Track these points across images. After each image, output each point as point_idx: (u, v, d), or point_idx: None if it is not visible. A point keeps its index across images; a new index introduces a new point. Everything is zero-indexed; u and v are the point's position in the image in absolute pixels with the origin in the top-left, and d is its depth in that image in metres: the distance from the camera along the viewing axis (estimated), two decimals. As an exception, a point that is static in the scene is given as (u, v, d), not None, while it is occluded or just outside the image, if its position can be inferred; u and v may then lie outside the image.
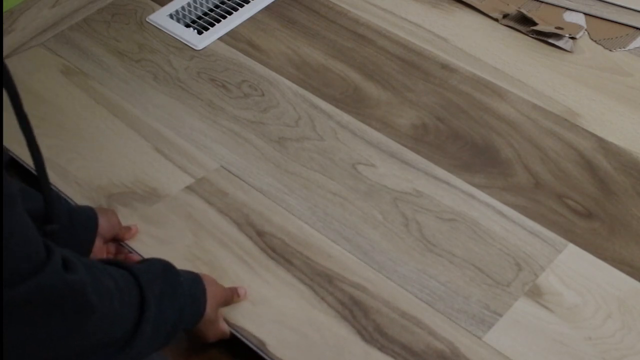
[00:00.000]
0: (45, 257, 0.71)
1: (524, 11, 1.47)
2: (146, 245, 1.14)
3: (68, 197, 1.21)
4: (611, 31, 1.45)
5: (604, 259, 1.10)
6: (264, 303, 1.06)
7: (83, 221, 1.06)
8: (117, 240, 1.13)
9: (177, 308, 0.90)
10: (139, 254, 1.12)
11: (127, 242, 1.14)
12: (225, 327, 1.03)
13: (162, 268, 0.92)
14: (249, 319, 1.04)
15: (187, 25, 1.53)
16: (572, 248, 1.12)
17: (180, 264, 1.10)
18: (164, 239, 1.15)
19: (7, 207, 0.67)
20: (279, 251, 1.13)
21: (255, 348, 1.02)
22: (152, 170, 1.25)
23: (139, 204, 1.19)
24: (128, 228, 1.14)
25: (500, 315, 1.04)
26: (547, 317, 1.04)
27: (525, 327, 1.03)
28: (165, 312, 0.88)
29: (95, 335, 0.77)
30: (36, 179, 0.88)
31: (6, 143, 1.20)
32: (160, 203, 1.20)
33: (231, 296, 1.05)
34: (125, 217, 1.16)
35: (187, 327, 0.95)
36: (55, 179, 1.22)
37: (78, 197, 1.20)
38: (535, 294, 1.06)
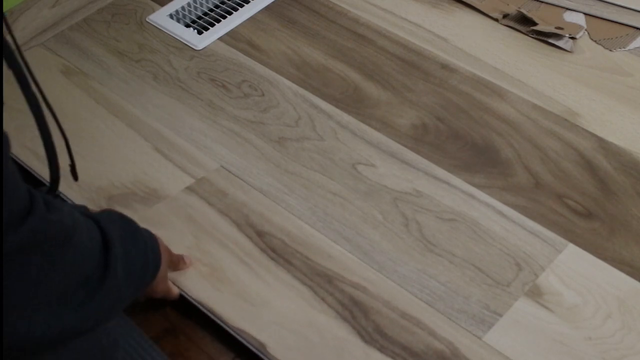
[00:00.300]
0: (29, 200, 0.73)
1: (524, 11, 1.47)
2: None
3: (69, 198, 1.21)
4: (611, 31, 1.45)
5: (604, 259, 1.10)
6: (264, 305, 1.06)
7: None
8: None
9: (142, 251, 0.92)
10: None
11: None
12: (173, 287, 1.06)
13: (119, 216, 0.94)
14: (250, 321, 1.04)
15: (187, 25, 1.53)
16: (572, 248, 1.12)
17: (180, 264, 1.11)
18: (165, 240, 1.14)
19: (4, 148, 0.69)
20: (279, 252, 1.13)
21: (255, 350, 1.02)
22: (152, 170, 1.25)
23: (139, 205, 1.19)
24: (184, 263, 1.13)
25: (500, 315, 1.04)
26: (547, 317, 1.04)
27: (525, 327, 1.03)
28: (131, 253, 0.90)
29: (72, 269, 0.79)
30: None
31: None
32: (160, 204, 1.20)
33: (178, 261, 1.08)
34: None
35: (152, 274, 0.96)
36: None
37: (78, 198, 1.21)
38: (535, 294, 1.06)
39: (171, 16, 1.54)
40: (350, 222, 1.16)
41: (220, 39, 1.48)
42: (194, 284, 1.09)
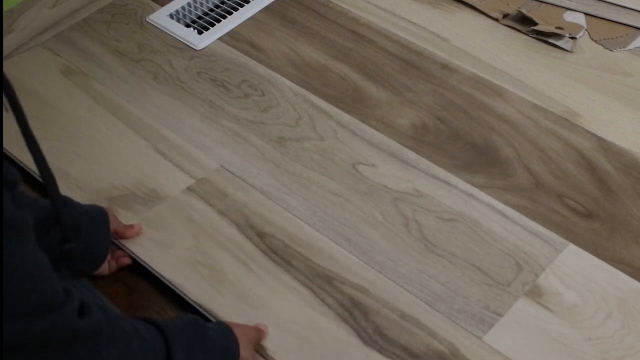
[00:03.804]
0: (64, 299, 0.71)
1: (524, 11, 1.47)
2: (147, 249, 1.14)
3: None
4: (611, 31, 1.45)
5: (604, 259, 1.10)
6: (265, 307, 1.06)
7: (96, 224, 1.07)
8: (116, 237, 1.13)
9: (210, 356, 0.90)
10: (140, 259, 1.12)
11: (128, 246, 1.14)
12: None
13: (190, 323, 0.92)
14: (250, 324, 1.04)
15: (187, 25, 1.53)
16: (572, 248, 1.12)
17: (181, 267, 1.11)
18: (165, 242, 1.14)
19: (15, 237, 0.66)
20: (279, 253, 1.13)
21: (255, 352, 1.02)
22: (153, 171, 1.25)
23: (140, 206, 1.19)
24: (130, 226, 1.14)
25: (500, 316, 1.04)
26: (547, 317, 1.04)
27: (525, 327, 1.03)
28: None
29: None
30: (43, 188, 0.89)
31: (6, 145, 1.20)
32: (160, 205, 1.20)
33: (258, 334, 1.02)
34: (127, 220, 1.16)
35: None
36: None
37: (79, 200, 1.20)
38: (535, 294, 1.06)
39: (171, 16, 1.54)
40: (350, 222, 1.16)
41: (220, 39, 1.48)
42: (194, 286, 1.09)
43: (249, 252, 1.13)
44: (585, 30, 1.45)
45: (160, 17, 1.54)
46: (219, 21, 1.52)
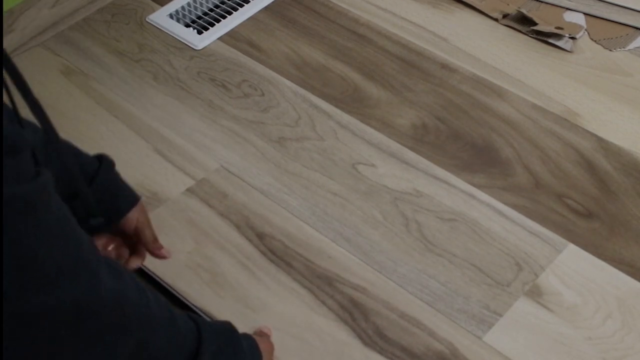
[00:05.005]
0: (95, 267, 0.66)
1: (524, 11, 1.47)
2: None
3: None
4: (611, 31, 1.45)
5: (604, 259, 1.10)
6: (265, 310, 1.06)
7: (122, 199, 0.97)
8: (135, 238, 1.01)
9: None
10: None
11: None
12: None
13: (227, 329, 0.89)
14: (250, 327, 1.03)
15: (187, 25, 1.53)
16: (572, 248, 1.12)
17: (182, 271, 1.11)
18: (165, 246, 1.14)
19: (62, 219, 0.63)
20: (279, 254, 1.13)
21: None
22: (153, 172, 1.25)
23: (140, 205, 1.19)
24: (160, 246, 1.00)
25: (500, 315, 1.04)
26: (547, 317, 1.04)
27: (525, 327, 1.03)
28: None
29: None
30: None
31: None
32: (161, 208, 1.19)
33: (272, 348, 0.99)
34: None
35: None
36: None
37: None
38: (535, 294, 1.07)
39: (171, 16, 1.54)
40: (350, 222, 1.16)
41: (220, 38, 1.48)
42: (195, 290, 1.09)
43: (248, 254, 1.13)
44: (585, 30, 1.45)
45: (160, 17, 1.54)
46: (218, 21, 1.52)
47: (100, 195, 0.93)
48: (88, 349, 0.66)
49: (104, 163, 0.95)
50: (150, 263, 1.12)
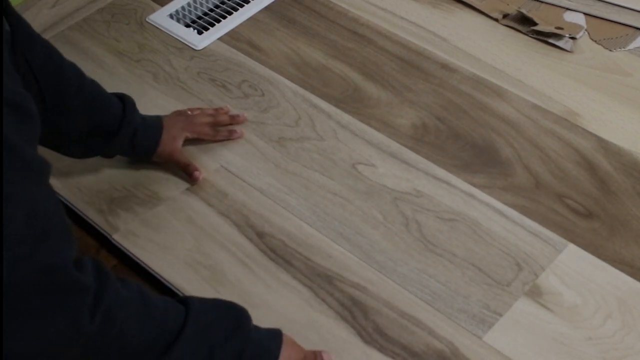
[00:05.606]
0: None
1: (524, 11, 1.47)
2: (147, 251, 1.13)
3: (70, 202, 1.20)
4: (611, 31, 1.45)
5: (604, 259, 1.10)
6: (265, 307, 1.06)
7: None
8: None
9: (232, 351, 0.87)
10: (141, 260, 1.12)
11: (128, 247, 1.14)
12: None
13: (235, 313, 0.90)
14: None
15: (187, 25, 1.53)
16: (572, 248, 1.12)
17: (182, 269, 1.11)
18: (165, 244, 1.14)
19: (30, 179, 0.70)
20: (279, 252, 1.13)
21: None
22: (153, 172, 1.25)
23: (140, 207, 1.19)
24: (193, 170, 1.21)
25: (500, 315, 1.04)
26: (547, 317, 1.04)
27: (525, 327, 1.03)
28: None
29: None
30: None
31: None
32: (161, 206, 1.19)
33: (314, 358, 0.96)
34: (127, 221, 1.16)
35: None
36: (56, 184, 1.21)
37: (79, 202, 1.20)
38: (535, 294, 1.07)
39: (171, 16, 1.54)
40: (350, 222, 1.16)
41: (220, 39, 1.49)
42: (195, 287, 1.09)
43: (248, 252, 1.13)
44: (585, 30, 1.45)
45: (160, 17, 1.54)
46: (218, 21, 1.52)
47: (131, 137, 1.17)
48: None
49: (127, 104, 1.17)
50: (149, 259, 1.12)
